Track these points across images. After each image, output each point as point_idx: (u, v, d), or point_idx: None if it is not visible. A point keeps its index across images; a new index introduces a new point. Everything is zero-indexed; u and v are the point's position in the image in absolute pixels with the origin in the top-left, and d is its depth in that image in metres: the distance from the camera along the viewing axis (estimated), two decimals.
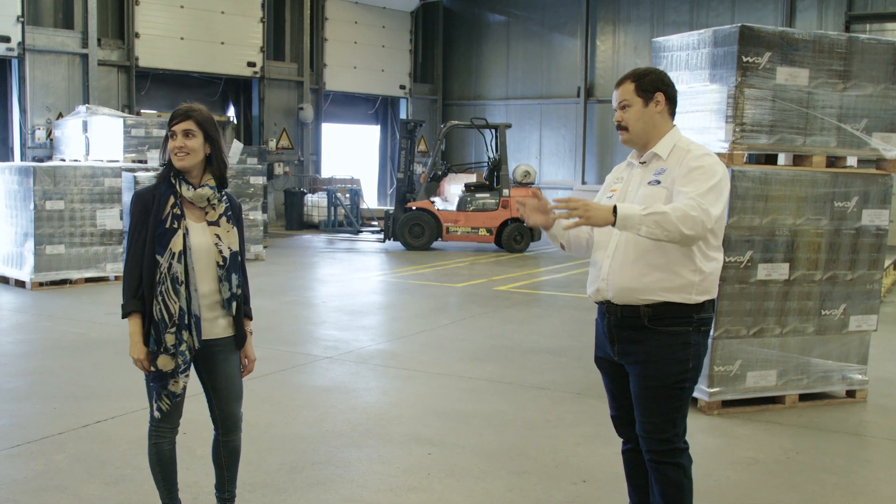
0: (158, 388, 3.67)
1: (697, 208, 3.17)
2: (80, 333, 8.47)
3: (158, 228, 3.58)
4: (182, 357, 3.62)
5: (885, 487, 4.86)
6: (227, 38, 20.83)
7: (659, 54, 6.54)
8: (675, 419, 3.45)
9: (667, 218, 3.14)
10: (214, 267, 3.67)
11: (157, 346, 3.60)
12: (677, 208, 3.16)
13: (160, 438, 3.79)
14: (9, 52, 16.95)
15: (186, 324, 3.60)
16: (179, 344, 3.60)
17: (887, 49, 6.24)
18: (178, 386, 3.66)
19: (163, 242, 3.57)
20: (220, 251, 3.67)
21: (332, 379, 6.95)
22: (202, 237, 3.66)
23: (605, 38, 24.65)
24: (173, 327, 3.58)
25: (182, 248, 3.58)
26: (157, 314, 3.58)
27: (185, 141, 3.61)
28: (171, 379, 3.64)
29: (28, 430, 5.46)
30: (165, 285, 3.56)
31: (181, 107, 3.66)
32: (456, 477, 4.81)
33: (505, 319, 9.68)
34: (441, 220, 16.91)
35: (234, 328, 3.78)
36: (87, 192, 11.44)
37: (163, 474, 3.82)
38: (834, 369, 6.37)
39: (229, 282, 3.68)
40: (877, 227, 6.31)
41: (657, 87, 3.47)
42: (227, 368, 3.80)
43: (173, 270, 3.56)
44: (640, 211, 3.16)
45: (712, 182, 3.27)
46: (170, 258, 3.56)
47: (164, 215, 3.59)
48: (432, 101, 27.23)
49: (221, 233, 3.69)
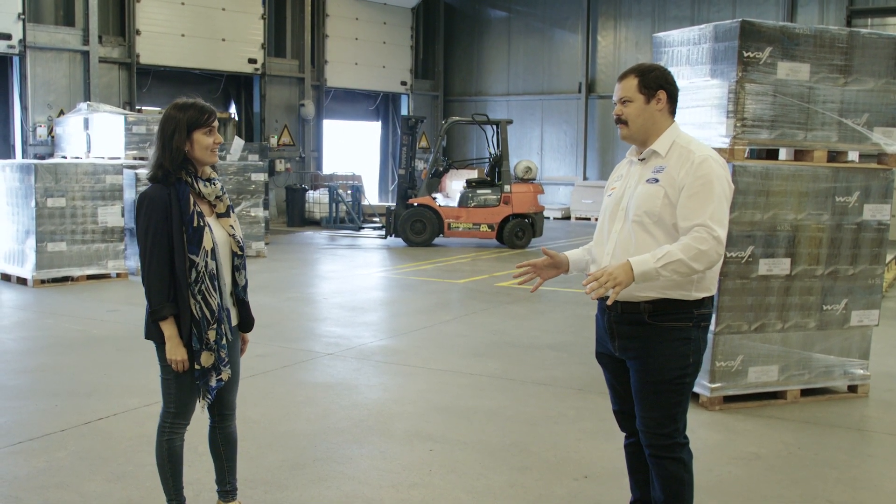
0: (203, 384, 3.69)
1: (707, 239, 3.23)
2: (81, 330, 8.48)
3: (188, 229, 3.57)
4: (224, 350, 3.68)
5: (888, 482, 4.86)
6: (229, 35, 20.82)
7: (660, 49, 6.53)
8: (676, 414, 3.46)
9: (682, 263, 3.22)
10: (231, 257, 3.74)
11: (199, 343, 3.62)
12: (688, 247, 3.23)
13: (174, 434, 3.79)
14: (10, 50, 16.95)
15: (222, 318, 3.66)
16: (221, 339, 3.66)
17: (888, 44, 6.23)
18: (224, 377, 3.70)
19: (195, 241, 3.57)
20: (237, 241, 3.75)
21: (334, 375, 6.95)
22: (219, 231, 3.71)
23: (606, 33, 24.63)
24: (215, 323, 3.62)
25: (213, 245, 3.62)
26: (197, 313, 3.59)
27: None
28: (213, 373, 3.68)
29: (30, 427, 5.47)
30: (205, 283, 3.58)
31: (202, 104, 3.65)
32: (457, 473, 4.82)
33: (506, 315, 9.68)
34: (442, 217, 16.90)
35: (239, 315, 3.85)
36: (88, 190, 11.45)
37: (172, 471, 3.83)
38: (836, 364, 6.37)
39: (244, 269, 3.79)
40: (878, 222, 6.30)
41: (660, 85, 3.46)
42: (234, 356, 3.85)
43: (210, 268, 3.60)
44: (653, 263, 3.23)
45: (716, 195, 3.31)
46: (205, 257, 3.58)
47: (189, 215, 3.58)
48: (433, 97, 27.22)
49: (234, 223, 3.78)
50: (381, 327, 9.12)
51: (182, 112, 3.61)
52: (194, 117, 3.60)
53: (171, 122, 3.60)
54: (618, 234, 3.48)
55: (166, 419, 3.77)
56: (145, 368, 6.86)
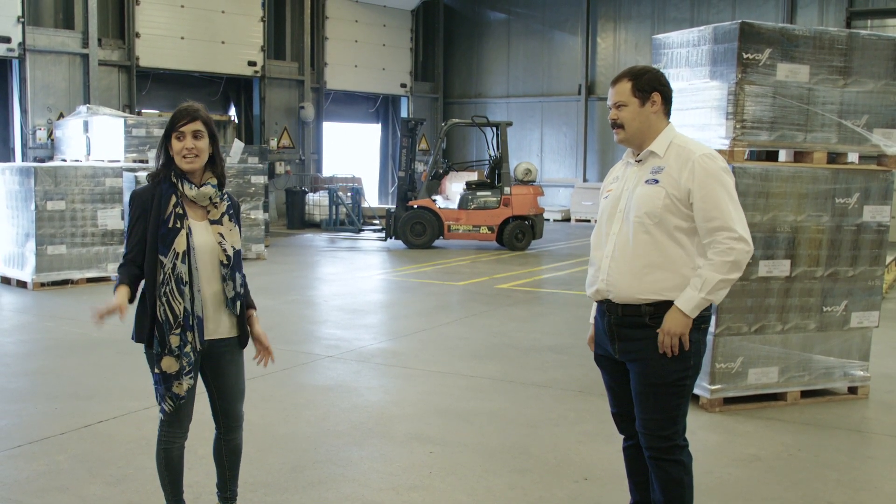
0: (163, 389, 3.61)
1: (732, 247, 3.29)
2: (81, 334, 8.48)
3: (161, 228, 3.52)
4: (187, 359, 3.57)
5: (888, 484, 4.86)
6: (228, 38, 20.83)
7: (659, 51, 6.53)
8: (676, 416, 3.46)
9: (722, 282, 3.32)
10: (218, 266, 3.63)
11: (161, 347, 3.55)
12: (720, 265, 3.30)
13: (169, 444, 3.75)
14: (9, 53, 16.96)
15: (191, 325, 3.55)
16: (184, 345, 3.55)
17: (888, 45, 6.23)
18: (182, 388, 3.60)
19: (166, 242, 3.51)
20: (224, 250, 3.63)
21: (334, 378, 6.95)
22: (205, 236, 3.61)
23: (606, 35, 24.65)
24: (178, 328, 3.53)
25: (186, 248, 3.53)
26: (160, 315, 3.52)
27: (195, 142, 3.55)
28: (175, 381, 3.59)
29: (30, 431, 5.47)
30: (170, 286, 3.50)
31: (186, 106, 3.59)
32: (457, 475, 4.81)
33: (506, 317, 9.67)
34: (442, 219, 16.90)
35: (238, 328, 3.75)
36: (88, 193, 11.45)
37: (170, 478, 3.80)
38: (836, 366, 6.37)
39: (233, 280, 3.64)
40: (878, 224, 6.30)
41: (654, 87, 3.46)
42: (232, 368, 3.79)
43: (177, 271, 3.51)
44: (699, 294, 3.31)
45: (726, 195, 3.34)
46: (174, 258, 3.51)
47: (166, 215, 3.53)
48: (433, 99, 27.24)
49: (224, 231, 3.65)
50: (381, 329, 9.12)
51: (172, 115, 3.62)
52: (170, 122, 3.58)
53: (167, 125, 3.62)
54: (616, 236, 3.48)
55: (160, 427, 3.75)
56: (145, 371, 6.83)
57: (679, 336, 3.34)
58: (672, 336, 3.34)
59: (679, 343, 3.37)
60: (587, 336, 3.85)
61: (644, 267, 3.39)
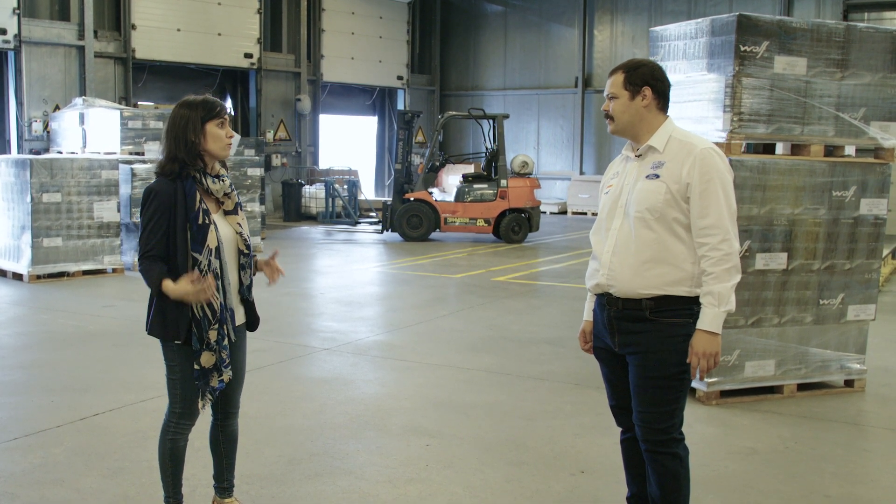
0: (202, 385, 3.62)
1: (728, 255, 3.32)
2: (77, 326, 8.47)
3: (192, 226, 3.52)
4: (225, 351, 3.62)
5: (884, 476, 4.87)
6: (224, 30, 20.76)
7: (656, 44, 6.52)
8: (674, 410, 3.45)
9: (729, 289, 3.32)
10: (237, 256, 3.69)
11: (199, 343, 3.55)
12: (721, 275, 3.32)
13: (178, 434, 3.74)
14: (5, 45, 16.89)
15: (225, 318, 3.60)
16: (222, 339, 3.59)
17: (885, 38, 6.22)
18: (223, 379, 3.64)
19: (199, 240, 3.52)
20: (244, 239, 3.70)
21: (331, 370, 6.94)
22: (225, 228, 3.66)
23: (603, 27, 24.61)
24: (216, 323, 3.56)
25: (217, 244, 3.57)
26: (198, 313, 3.52)
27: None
28: (214, 374, 3.62)
29: (26, 423, 5.46)
30: None
31: (215, 98, 3.64)
32: (454, 468, 4.81)
33: (503, 310, 9.67)
34: (439, 211, 16.89)
35: (247, 314, 3.83)
36: (84, 185, 11.41)
37: (173, 469, 3.80)
38: (832, 359, 6.37)
39: (250, 268, 3.73)
40: (875, 217, 6.30)
41: (645, 81, 3.45)
42: (240, 354, 3.83)
43: (213, 267, 3.54)
44: (719, 309, 3.32)
45: (722, 194, 3.33)
46: (208, 255, 3.53)
47: (195, 211, 3.54)
48: (430, 91, 27.19)
49: (241, 221, 3.73)
50: (377, 322, 9.11)
51: (193, 107, 3.57)
52: (207, 110, 3.57)
53: (182, 118, 3.56)
54: (617, 231, 3.47)
55: (171, 419, 3.73)
56: (141, 364, 6.85)
57: (714, 355, 3.36)
58: (708, 357, 3.35)
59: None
60: (579, 331, 3.85)
61: (646, 262, 3.38)
